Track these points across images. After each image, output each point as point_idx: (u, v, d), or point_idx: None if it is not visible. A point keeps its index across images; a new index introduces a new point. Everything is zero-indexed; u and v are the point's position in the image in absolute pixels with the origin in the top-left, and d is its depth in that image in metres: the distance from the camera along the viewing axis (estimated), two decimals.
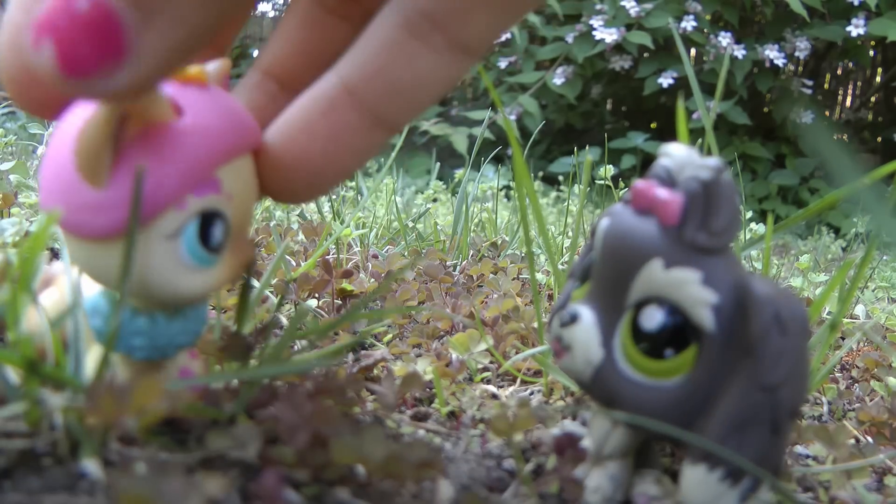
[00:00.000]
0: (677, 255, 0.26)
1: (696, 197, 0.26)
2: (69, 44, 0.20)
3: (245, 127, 0.28)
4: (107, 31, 0.20)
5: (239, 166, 0.27)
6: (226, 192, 0.26)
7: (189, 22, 0.21)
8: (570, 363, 0.29)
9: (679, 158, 0.27)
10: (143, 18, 0.20)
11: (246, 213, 0.28)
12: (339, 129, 0.27)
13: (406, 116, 0.28)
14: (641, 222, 0.27)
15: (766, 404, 0.25)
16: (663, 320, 0.27)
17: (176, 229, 0.25)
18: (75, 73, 0.20)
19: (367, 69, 0.27)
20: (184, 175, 0.25)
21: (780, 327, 0.25)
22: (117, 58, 0.20)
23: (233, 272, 0.28)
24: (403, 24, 0.26)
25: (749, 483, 0.26)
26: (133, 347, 0.28)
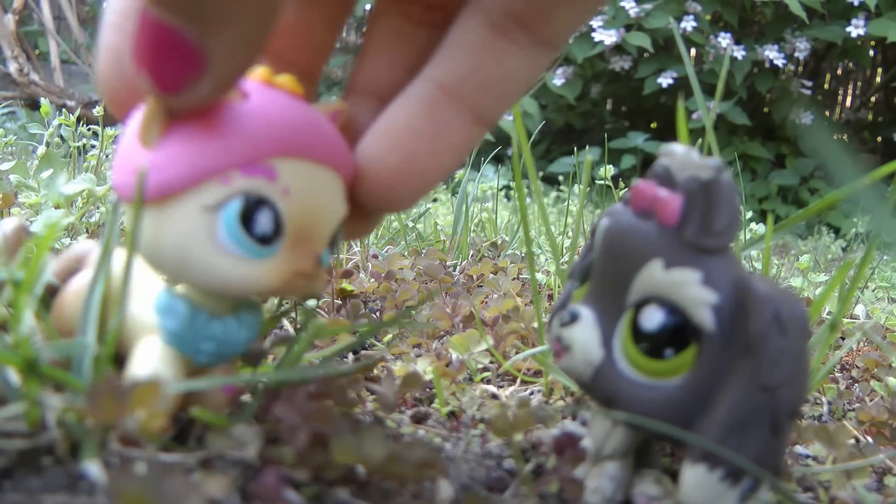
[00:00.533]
0: (677, 256, 0.26)
1: (696, 197, 0.26)
2: (157, 69, 0.23)
3: (321, 138, 0.27)
4: (179, 49, 0.22)
5: (305, 169, 0.27)
6: (282, 185, 0.26)
7: (238, 20, 0.22)
8: (570, 363, 0.29)
9: (679, 158, 0.27)
10: (202, 30, 0.22)
11: (310, 220, 0.27)
12: (442, 128, 0.28)
13: (501, 111, 0.29)
14: (641, 222, 0.27)
15: (766, 404, 0.25)
16: (663, 320, 0.27)
17: (216, 202, 0.25)
18: (171, 90, 0.23)
19: (461, 70, 0.28)
20: (231, 149, 0.25)
21: (780, 327, 0.25)
22: (196, 70, 0.23)
23: (284, 277, 0.26)
24: (489, 25, 0.27)
25: (749, 483, 0.26)
26: (200, 351, 0.28)
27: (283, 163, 0.26)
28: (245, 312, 0.29)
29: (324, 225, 0.28)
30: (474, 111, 0.28)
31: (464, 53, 0.28)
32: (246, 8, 0.22)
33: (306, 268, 0.27)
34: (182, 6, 0.22)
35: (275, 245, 0.26)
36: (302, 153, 0.26)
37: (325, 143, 0.27)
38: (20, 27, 2.98)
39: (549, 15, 0.27)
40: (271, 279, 0.26)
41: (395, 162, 0.28)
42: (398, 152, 0.28)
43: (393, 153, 0.28)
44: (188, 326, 0.27)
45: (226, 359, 0.29)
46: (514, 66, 0.28)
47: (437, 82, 0.28)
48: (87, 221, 0.69)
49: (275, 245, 0.26)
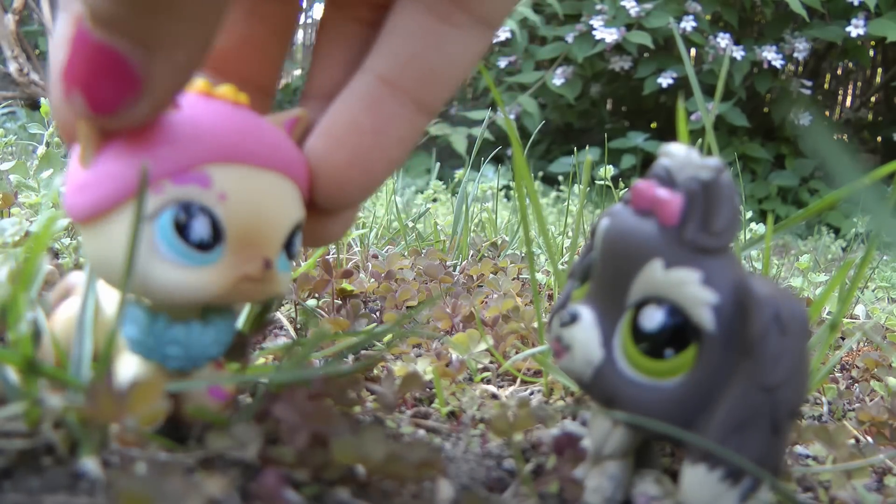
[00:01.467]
0: (677, 256, 0.26)
1: (696, 197, 0.26)
2: (93, 90, 0.23)
3: (262, 142, 0.27)
4: (118, 71, 0.23)
5: (246, 174, 0.27)
6: (216, 191, 0.26)
7: (183, 44, 0.23)
8: (569, 363, 0.29)
9: (679, 158, 0.27)
10: (145, 53, 0.23)
11: (253, 224, 0.27)
12: (385, 121, 0.28)
13: (444, 97, 0.29)
14: (641, 222, 0.27)
15: (766, 404, 0.25)
16: (663, 320, 0.27)
17: (150, 212, 0.25)
18: (105, 112, 0.23)
19: (400, 59, 0.28)
20: (160, 159, 0.25)
21: (780, 327, 0.25)
22: (133, 91, 0.23)
23: (230, 282, 0.27)
24: (425, 10, 0.27)
25: (749, 483, 0.26)
26: (168, 357, 0.28)
27: (217, 169, 0.26)
28: (212, 314, 0.29)
29: (272, 229, 0.28)
30: (417, 100, 0.28)
31: (402, 41, 0.28)
32: (190, 31, 0.23)
33: (252, 272, 0.27)
34: (130, 30, 0.22)
35: (216, 251, 0.26)
36: (240, 159, 0.26)
37: (270, 149, 0.27)
38: (20, 27, 2.98)
39: None
40: (214, 284, 0.26)
41: (342, 159, 0.28)
42: (343, 150, 0.28)
43: (338, 151, 0.28)
44: (148, 332, 0.28)
45: (198, 363, 0.29)
46: (455, 49, 0.28)
47: (378, 74, 0.28)
48: None
49: (216, 251, 0.26)
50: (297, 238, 0.29)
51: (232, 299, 0.27)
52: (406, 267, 0.66)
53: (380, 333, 0.39)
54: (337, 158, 0.28)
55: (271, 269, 0.28)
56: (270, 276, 0.28)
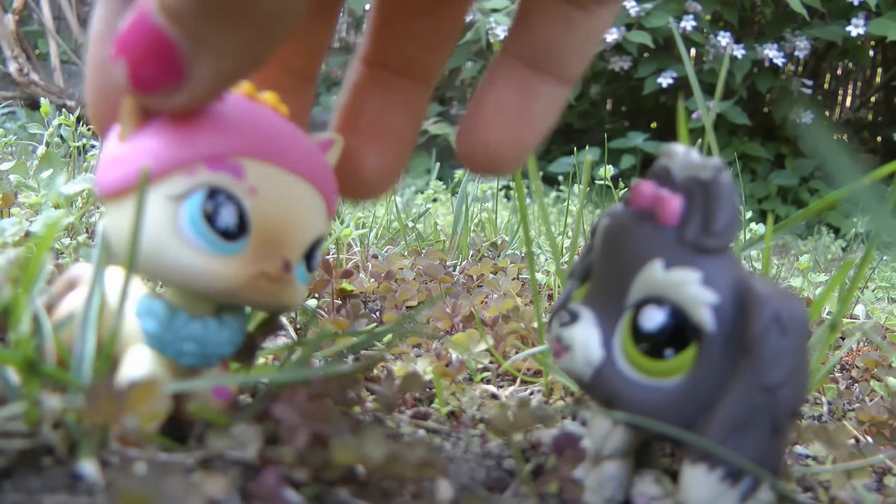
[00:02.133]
0: (677, 256, 0.26)
1: (696, 197, 0.26)
2: (137, 64, 0.24)
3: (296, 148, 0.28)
4: (166, 57, 0.24)
5: (278, 175, 0.27)
6: (248, 183, 0.26)
7: (231, 56, 0.24)
8: (569, 363, 0.29)
9: (679, 158, 0.27)
10: (195, 50, 0.24)
11: (278, 223, 0.27)
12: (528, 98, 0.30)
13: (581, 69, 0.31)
14: (641, 223, 0.27)
15: (766, 405, 0.25)
16: (663, 320, 0.27)
17: (180, 193, 0.26)
18: (143, 89, 0.24)
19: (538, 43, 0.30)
20: (197, 143, 0.26)
21: (779, 327, 0.25)
22: (176, 80, 0.24)
23: (247, 279, 0.27)
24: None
25: (749, 483, 0.26)
26: (183, 353, 0.28)
27: (251, 163, 0.26)
28: (227, 314, 0.29)
29: (296, 234, 0.28)
30: (556, 74, 0.30)
31: (534, 26, 0.30)
32: (243, 47, 0.24)
33: (272, 270, 0.27)
34: (189, 26, 0.23)
35: (239, 242, 0.26)
36: (274, 159, 0.27)
37: (304, 159, 0.28)
38: (20, 27, 2.98)
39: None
40: (232, 276, 0.26)
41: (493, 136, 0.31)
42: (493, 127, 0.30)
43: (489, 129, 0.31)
44: (167, 327, 0.28)
45: (210, 361, 0.29)
46: (585, 29, 0.30)
47: (515, 55, 0.30)
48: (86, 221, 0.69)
49: (239, 242, 0.26)
50: (317, 251, 0.29)
51: (246, 296, 0.27)
52: (406, 267, 0.66)
53: (380, 333, 0.39)
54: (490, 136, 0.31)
55: (290, 274, 0.28)
56: (288, 279, 0.28)
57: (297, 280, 0.28)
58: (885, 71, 3.64)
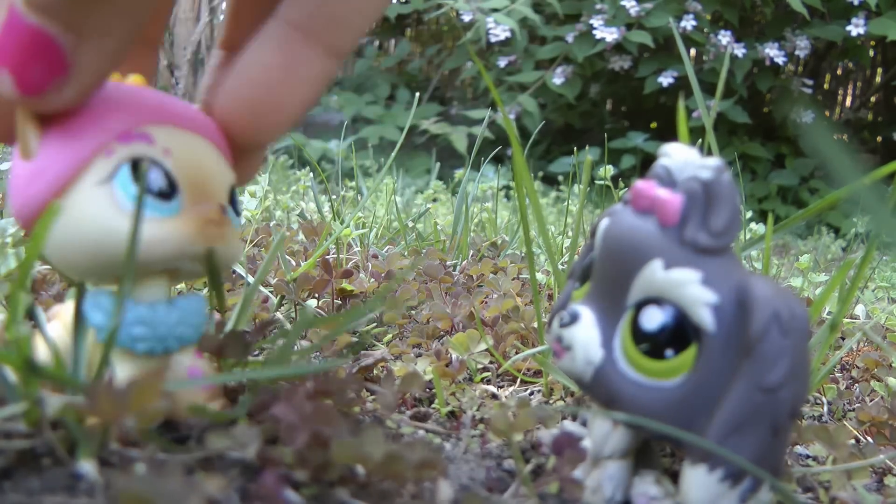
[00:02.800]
0: (677, 256, 0.26)
1: (696, 197, 0.26)
2: (21, 70, 0.24)
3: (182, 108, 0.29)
4: (49, 54, 0.24)
5: (178, 133, 0.29)
6: (161, 146, 0.28)
7: (112, 33, 0.24)
8: (570, 363, 0.29)
9: (679, 158, 0.27)
10: (75, 38, 0.24)
11: (200, 175, 0.29)
12: (294, 61, 0.30)
13: (351, 42, 0.30)
14: (641, 222, 0.27)
15: (766, 405, 0.25)
16: (663, 320, 0.27)
17: (107, 175, 0.27)
18: (32, 93, 0.24)
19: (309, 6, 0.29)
20: (105, 125, 0.27)
21: (780, 327, 0.25)
22: (63, 75, 0.24)
23: (196, 227, 0.28)
24: None
25: (749, 484, 0.26)
26: (135, 338, 0.28)
27: (156, 129, 0.28)
28: (178, 297, 0.30)
29: (216, 182, 0.30)
30: (325, 44, 0.30)
31: None
32: (120, 22, 0.24)
33: (213, 215, 0.28)
34: (63, 17, 0.23)
35: (175, 201, 0.28)
36: (171, 121, 0.28)
37: (192, 118, 0.30)
38: None
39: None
40: (184, 230, 0.28)
41: (254, 97, 0.30)
42: (256, 88, 0.30)
43: (251, 89, 0.30)
44: (112, 315, 0.28)
45: (168, 344, 0.29)
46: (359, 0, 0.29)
47: (288, 20, 0.29)
48: None
49: (175, 201, 0.28)
50: (236, 197, 0.31)
51: (201, 245, 0.28)
52: (406, 267, 0.66)
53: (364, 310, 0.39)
54: (253, 97, 0.30)
55: (226, 216, 0.29)
56: (227, 221, 0.29)
57: (230, 220, 0.30)
58: (885, 71, 3.64)
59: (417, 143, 3.11)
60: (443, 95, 3.82)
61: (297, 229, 0.83)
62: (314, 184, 1.22)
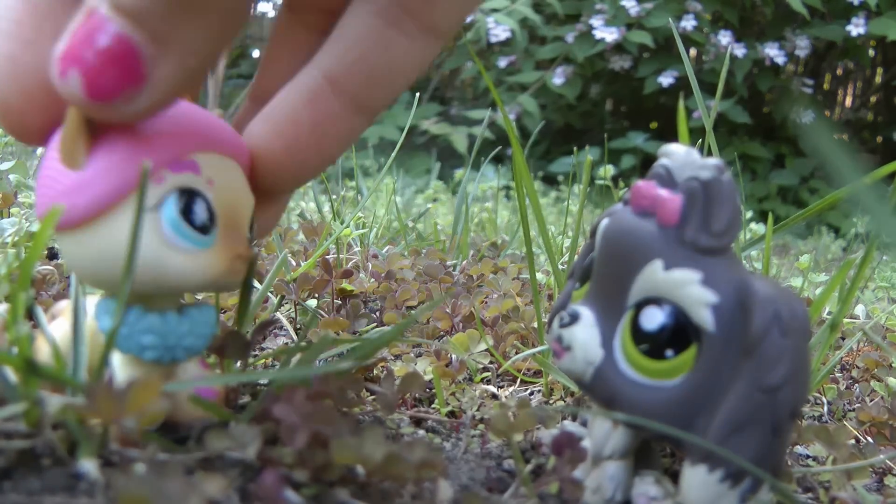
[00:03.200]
0: (677, 256, 0.26)
1: (696, 197, 0.26)
2: (95, 73, 0.22)
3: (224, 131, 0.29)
4: (127, 61, 0.22)
5: (219, 161, 0.28)
6: (205, 176, 0.27)
7: (196, 52, 0.23)
8: (570, 363, 0.29)
9: (679, 158, 0.27)
10: (157, 51, 0.23)
11: (234, 207, 0.28)
12: (323, 117, 0.29)
13: (384, 102, 0.29)
14: (641, 222, 0.27)
15: (767, 405, 0.25)
16: (663, 321, 0.27)
17: (155, 203, 0.26)
18: (101, 98, 0.23)
19: (346, 59, 0.28)
20: (157, 150, 0.26)
21: (780, 328, 0.25)
22: (137, 85, 0.23)
23: (227, 262, 0.28)
24: (377, 13, 0.28)
25: (749, 484, 0.26)
26: (143, 346, 0.28)
27: (201, 156, 0.27)
28: (190, 307, 0.30)
29: (245, 212, 0.29)
30: (358, 101, 0.29)
31: (350, 43, 0.28)
32: (208, 40, 0.23)
33: (243, 251, 0.28)
34: (151, 26, 0.22)
35: (212, 234, 0.28)
36: (213, 147, 0.28)
37: (230, 139, 0.29)
38: None
39: (435, 2, 0.28)
40: (217, 264, 0.27)
41: (278, 148, 0.29)
42: (281, 139, 0.29)
43: (276, 140, 0.29)
44: (122, 321, 0.28)
45: (176, 354, 0.29)
46: (401, 55, 0.28)
47: (323, 72, 0.28)
48: None
49: (212, 234, 0.28)
50: (254, 221, 0.31)
51: (228, 280, 0.28)
52: (406, 267, 0.66)
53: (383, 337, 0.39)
54: (274, 147, 0.29)
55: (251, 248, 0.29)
56: (252, 254, 0.29)
57: None
58: (886, 71, 3.64)
59: (417, 143, 3.11)
60: (443, 95, 3.82)
61: (297, 229, 0.83)
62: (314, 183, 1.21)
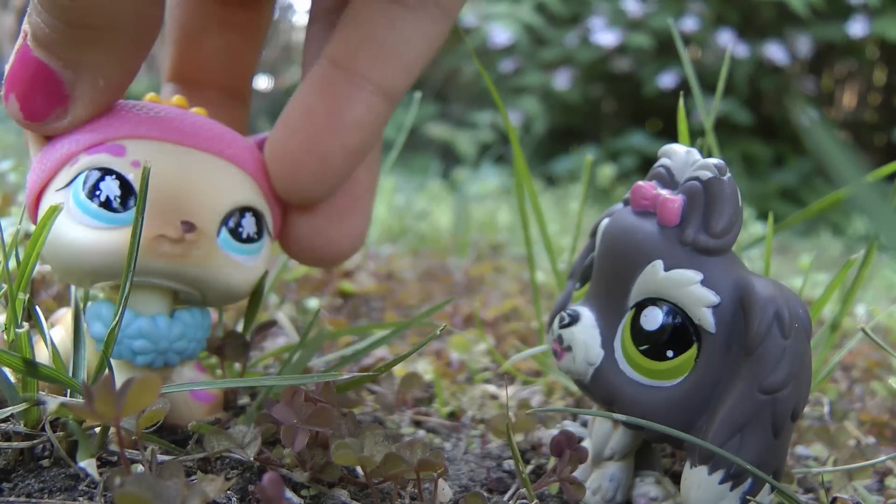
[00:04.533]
0: (678, 257, 0.26)
1: (696, 198, 0.26)
2: (26, 98, 0.27)
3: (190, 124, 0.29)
4: (50, 86, 0.26)
5: (164, 149, 0.29)
6: (129, 158, 0.28)
7: (106, 73, 0.26)
8: (570, 364, 0.29)
9: (680, 158, 0.27)
10: (73, 74, 0.26)
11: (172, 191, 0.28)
12: (339, 103, 0.28)
13: (401, 78, 0.29)
14: (642, 223, 0.27)
15: (768, 406, 0.25)
16: (664, 321, 0.27)
17: (66, 182, 0.28)
18: (35, 120, 0.27)
19: (352, 40, 0.28)
20: (79, 140, 0.28)
21: (781, 328, 0.25)
22: (62, 105, 0.27)
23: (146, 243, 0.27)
24: None
25: (750, 485, 0.26)
26: (134, 351, 0.28)
27: (133, 143, 0.28)
28: (181, 311, 0.30)
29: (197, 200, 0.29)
30: (373, 81, 0.28)
31: (355, 24, 0.28)
32: (109, 61, 0.26)
33: (171, 233, 0.28)
34: (61, 55, 0.26)
35: (129, 211, 0.28)
36: (161, 136, 0.29)
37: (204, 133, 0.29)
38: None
39: None
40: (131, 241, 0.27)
41: (296, 145, 0.29)
42: (297, 135, 0.29)
43: (293, 137, 0.29)
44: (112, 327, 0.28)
45: (169, 358, 0.29)
46: (409, 29, 0.28)
47: (330, 58, 0.28)
48: None
49: (129, 211, 0.28)
50: (245, 221, 0.30)
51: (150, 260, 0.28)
52: (406, 267, 0.66)
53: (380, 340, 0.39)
54: (291, 144, 0.29)
55: (196, 233, 0.28)
56: (193, 241, 0.28)
57: (218, 246, 0.29)
58: (887, 71, 3.64)
59: (418, 143, 3.11)
60: (443, 95, 3.82)
61: None
62: None
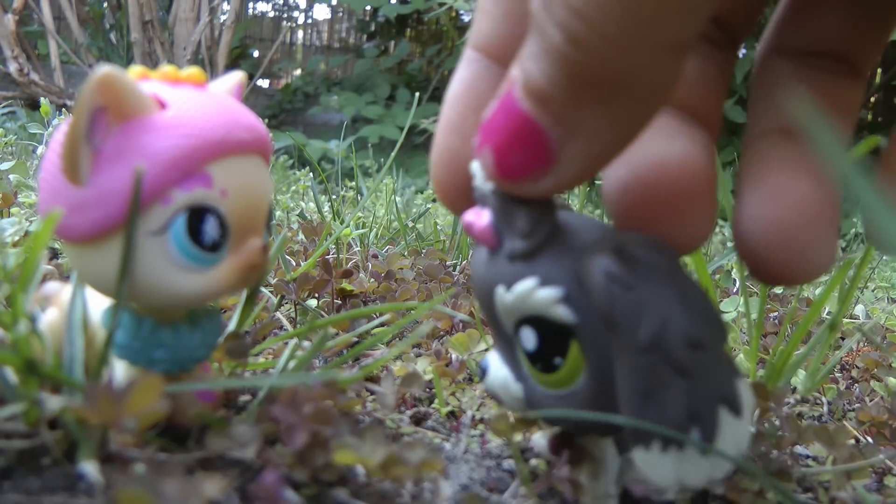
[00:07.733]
0: (510, 272, 0.25)
1: (496, 209, 0.25)
2: (504, 152, 0.23)
3: (242, 127, 0.27)
4: (536, 144, 0.23)
5: (236, 164, 0.26)
6: (218, 188, 0.26)
7: (604, 138, 0.23)
8: (509, 404, 0.29)
9: (478, 175, 0.26)
10: (565, 135, 0.23)
11: (249, 213, 0.27)
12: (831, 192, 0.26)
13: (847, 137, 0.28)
14: (480, 255, 0.27)
15: (657, 360, 0.24)
16: (536, 335, 0.26)
17: (162, 225, 0.25)
18: (509, 177, 0.24)
19: None
20: (165, 169, 0.24)
21: (620, 284, 0.24)
22: (544, 167, 0.23)
23: (238, 275, 0.27)
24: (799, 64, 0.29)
25: (699, 433, 0.24)
26: (154, 360, 0.28)
27: (215, 166, 0.26)
28: (199, 317, 0.29)
29: (261, 213, 0.28)
30: None
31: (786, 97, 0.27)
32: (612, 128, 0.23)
33: (257, 260, 0.27)
34: (556, 107, 0.22)
35: (223, 249, 0.26)
36: (231, 151, 0.26)
37: (250, 134, 0.27)
38: (20, 27, 2.98)
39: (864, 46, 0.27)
40: (225, 280, 0.27)
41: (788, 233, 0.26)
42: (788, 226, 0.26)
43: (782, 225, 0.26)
44: (135, 336, 0.27)
45: (185, 366, 0.29)
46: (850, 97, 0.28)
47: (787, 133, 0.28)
48: None
49: (223, 249, 0.26)
50: (272, 213, 0.29)
51: (241, 288, 0.27)
52: (406, 267, 0.66)
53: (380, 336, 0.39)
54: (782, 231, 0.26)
55: (267, 251, 0.28)
56: (267, 257, 0.28)
57: None
58: (885, 71, 3.64)
59: (417, 143, 3.11)
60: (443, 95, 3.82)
61: (297, 229, 0.83)
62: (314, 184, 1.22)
